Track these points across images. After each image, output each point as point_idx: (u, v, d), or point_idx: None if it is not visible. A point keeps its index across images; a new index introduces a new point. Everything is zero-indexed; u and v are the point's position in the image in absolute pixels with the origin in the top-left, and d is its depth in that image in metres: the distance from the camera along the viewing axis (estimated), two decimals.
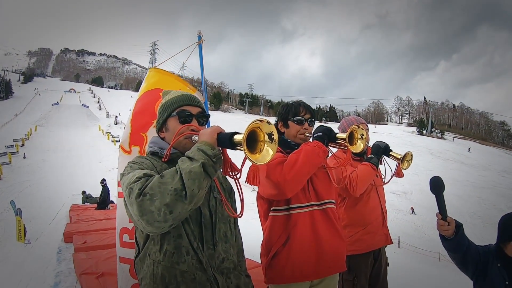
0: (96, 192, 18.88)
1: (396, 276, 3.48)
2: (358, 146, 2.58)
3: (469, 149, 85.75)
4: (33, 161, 39.90)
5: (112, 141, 54.03)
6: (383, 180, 3.50)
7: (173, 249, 1.71)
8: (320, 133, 2.51)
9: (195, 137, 1.77)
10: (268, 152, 1.62)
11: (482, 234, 29.38)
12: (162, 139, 2.02)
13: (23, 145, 49.46)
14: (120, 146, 3.36)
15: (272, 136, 1.63)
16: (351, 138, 2.51)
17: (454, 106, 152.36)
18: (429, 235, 31.95)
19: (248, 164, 1.65)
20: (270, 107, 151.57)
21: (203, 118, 2.01)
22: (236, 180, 1.78)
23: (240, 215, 1.89)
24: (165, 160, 1.87)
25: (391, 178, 3.46)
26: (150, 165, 1.81)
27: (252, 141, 1.61)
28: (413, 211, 38.53)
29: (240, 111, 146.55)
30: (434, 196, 2.40)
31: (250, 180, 1.80)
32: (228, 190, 2.10)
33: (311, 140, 2.60)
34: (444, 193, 2.41)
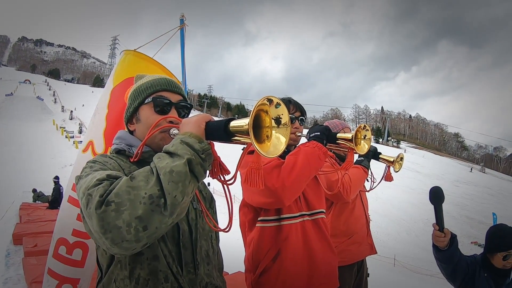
0: (48, 190, 17.98)
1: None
2: (363, 147, 2.34)
3: (423, 155, 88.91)
4: None
5: (66, 137, 52.66)
6: (371, 185, 3.32)
7: (148, 275, 1.34)
8: (318, 133, 2.22)
9: (175, 131, 1.40)
10: (279, 140, 1.23)
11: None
12: (131, 133, 1.63)
13: None
14: (90, 145, 2.97)
15: (280, 120, 1.25)
16: (354, 139, 2.27)
17: (410, 116, 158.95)
18: (384, 241, 32.88)
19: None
20: (229, 109, 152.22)
21: (185, 110, 1.61)
22: (227, 186, 1.34)
23: (227, 229, 1.43)
24: (135, 160, 1.48)
25: (380, 181, 3.31)
26: (115, 165, 1.42)
27: (255, 128, 1.17)
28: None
29: (198, 112, 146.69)
30: (390, 203, 2.32)
31: (251, 181, 1.38)
32: (208, 199, 1.74)
33: (303, 140, 2.36)
34: (399, 200, 2.34)
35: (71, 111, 75.48)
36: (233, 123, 1.20)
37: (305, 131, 2.38)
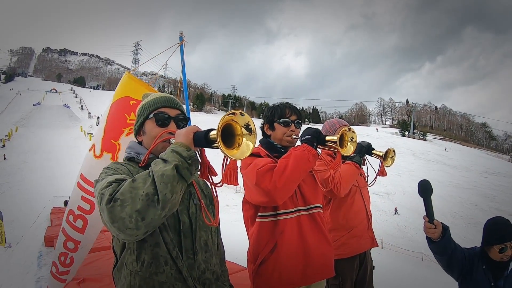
0: None
1: (381, 277, 3.47)
2: (349, 149, 2.51)
3: (445, 148, 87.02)
4: (14, 163, 39.34)
5: None
6: (367, 181, 3.46)
7: (151, 259, 1.62)
8: (309, 136, 2.41)
9: (172, 140, 1.65)
10: (247, 146, 1.52)
11: (464, 234, 29.84)
12: (140, 143, 1.93)
13: (3, 146, 48.85)
14: (93, 147, 3.49)
15: (250, 127, 1.53)
16: (341, 141, 2.44)
17: (436, 108, 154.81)
18: (412, 235, 32.32)
19: None
20: (253, 108, 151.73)
21: (183, 122, 1.90)
22: (212, 185, 1.67)
23: (215, 223, 1.80)
24: (142, 165, 1.77)
25: (375, 178, 3.37)
26: (125, 171, 1.72)
27: (228, 136, 1.50)
28: (396, 212, 38.87)
29: (223, 112, 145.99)
30: (418, 197, 2.44)
31: (227, 179, 1.66)
32: (209, 196, 2.00)
33: (298, 142, 2.54)
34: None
35: (98, 117, 76.57)
36: (211, 133, 1.48)
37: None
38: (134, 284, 1.61)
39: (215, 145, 1.46)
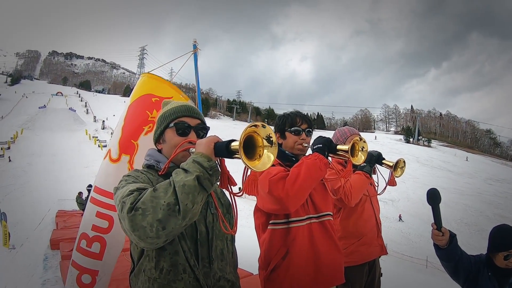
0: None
1: (385, 284, 3.47)
2: (359, 158, 2.56)
3: (466, 158, 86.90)
4: (19, 165, 39.48)
5: (99, 146, 53.73)
6: (377, 190, 3.48)
7: (170, 267, 1.64)
8: (320, 145, 2.45)
9: (193, 150, 1.66)
10: (269, 157, 1.53)
11: (468, 240, 29.70)
12: (159, 151, 1.94)
13: (8, 148, 49.03)
14: (108, 153, 3.29)
15: (271, 139, 1.54)
16: (352, 150, 2.48)
17: (440, 114, 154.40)
18: (416, 242, 32.24)
19: None
20: (258, 114, 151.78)
21: (203, 131, 1.93)
22: (232, 194, 1.69)
23: (233, 232, 1.83)
24: (162, 173, 1.79)
25: (385, 187, 3.41)
26: (145, 179, 1.73)
27: (250, 147, 1.51)
28: (400, 219, 38.76)
29: (228, 118, 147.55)
30: (422, 204, 2.47)
31: (248, 190, 1.71)
32: (226, 205, 2.02)
33: (309, 151, 2.57)
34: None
35: (103, 121, 77.33)
36: (232, 144, 1.50)
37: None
38: None
39: (237, 156, 1.48)
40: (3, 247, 11.34)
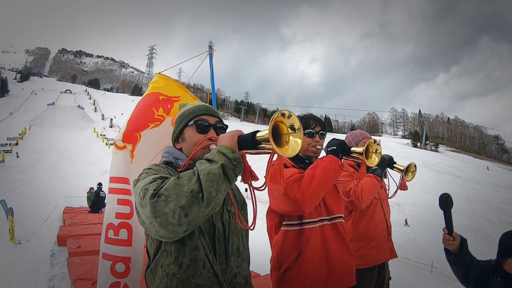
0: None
1: None
2: (373, 160, 2.58)
3: (487, 167, 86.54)
4: (26, 161, 39.62)
5: (106, 144, 53.82)
6: (388, 193, 3.49)
7: (189, 262, 1.65)
8: (335, 147, 2.48)
9: (213, 146, 1.68)
10: (296, 142, 1.54)
11: (474, 247, 29.38)
12: (179, 150, 1.96)
13: (17, 144, 49.22)
14: (114, 143, 3.30)
15: (294, 127, 1.56)
16: (366, 152, 2.51)
17: (448, 119, 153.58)
18: (421, 247, 32.11)
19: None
20: (265, 115, 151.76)
21: (221, 129, 1.95)
22: (253, 189, 1.67)
23: (252, 227, 1.80)
24: (182, 169, 1.77)
25: (396, 191, 3.44)
26: (166, 173, 1.74)
27: (276, 136, 1.52)
28: (406, 223, 38.58)
29: (235, 119, 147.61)
30: (428, 208, 2.47)
31: (274, 179, 1.67)
32: (241, 202, 2.05)
33: (323, 153, 2.59)
34: (437, 205, 2.52)
35: (111, 119, 77.68)
36: (258, 134, 1.52)
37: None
38: (171, 286, 1.64)
39: (262, 145, 1.51)
40: (10, 241, 11.40)
